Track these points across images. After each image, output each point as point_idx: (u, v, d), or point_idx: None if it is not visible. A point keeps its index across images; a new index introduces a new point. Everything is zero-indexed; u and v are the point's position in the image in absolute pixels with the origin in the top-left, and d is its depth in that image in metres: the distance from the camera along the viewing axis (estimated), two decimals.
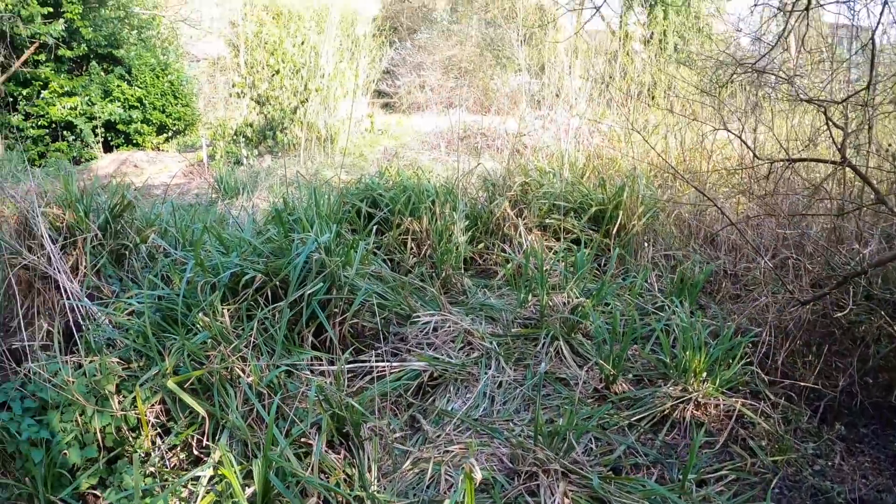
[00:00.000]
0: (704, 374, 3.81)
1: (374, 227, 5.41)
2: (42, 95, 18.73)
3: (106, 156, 19.03)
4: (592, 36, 16.83)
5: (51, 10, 17.75)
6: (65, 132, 18.87)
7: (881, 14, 5.68)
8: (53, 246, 4.44)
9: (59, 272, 4.30)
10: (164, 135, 20.72)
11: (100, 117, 19.11)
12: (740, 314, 4.55)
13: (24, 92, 18.65)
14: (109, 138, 19.92)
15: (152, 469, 3.26)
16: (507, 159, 7.48)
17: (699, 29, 16.94)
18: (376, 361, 3.96)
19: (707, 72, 9.96)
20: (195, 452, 3.36)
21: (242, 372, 3.49)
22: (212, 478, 3.13)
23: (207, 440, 3.34)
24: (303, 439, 3.28)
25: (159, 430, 3.48)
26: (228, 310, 3.85)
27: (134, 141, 20.15)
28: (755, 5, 5.33)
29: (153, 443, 3.40)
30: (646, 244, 5.95)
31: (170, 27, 24.46)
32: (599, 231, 6.18)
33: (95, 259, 4.76)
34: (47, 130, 18.85)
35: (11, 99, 18.75)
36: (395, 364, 4.00)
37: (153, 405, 3.48)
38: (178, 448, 3.40)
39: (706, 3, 17.67)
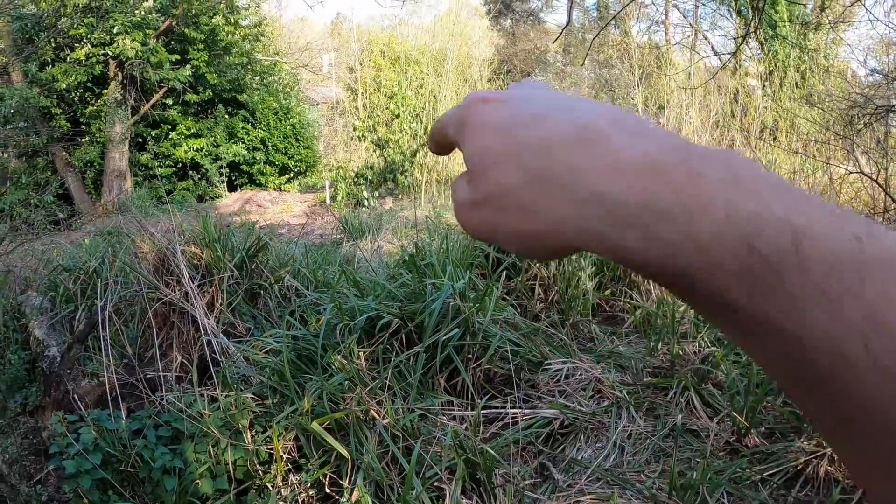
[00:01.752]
0: None
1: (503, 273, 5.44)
2: (170, 137, 19.66)
3: (230, 194, 19.75)
4: (708, 72, 16.56)
5: (178, 57, 18.66)
6: (191, 171, 19.68)
7: None
8: (192, 283, 4.63)
9: (196, 308, 4.48)
10: (286, 175, 21.36)
11: (224, 158, 19.89)
12: None
13: (153, 133, 19.62)
14: (233, 178, 20.69)
15: None
16: None
17: (819, 64, 16.46)
18: (509, 408, 3.96)
19: (835, 111, 9.68)
20: (326, 490, 3.42)
21: (378, 414, 3.55)
22: None
23: (345, 480, 3.39)
24: (436, 483, 3.31)
25: (290, 466, 3.56)
26: (364, 352, 3.92)
27: (257, 181, 20.86)
28: None
29: (284, 478, 3.49)
30: None
31: (291, 73, 25.29)
32: None
33: (231, 297, 4.94)
34: (174, 170, 19.73)
35: (141, 140, 19.74)
36: (526, 411, 3.99)
37: (286, 442, 3.57)
38: (308, 485, 3.47)
39: (823, 35, 17.18)
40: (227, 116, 20.45)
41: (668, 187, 0.39)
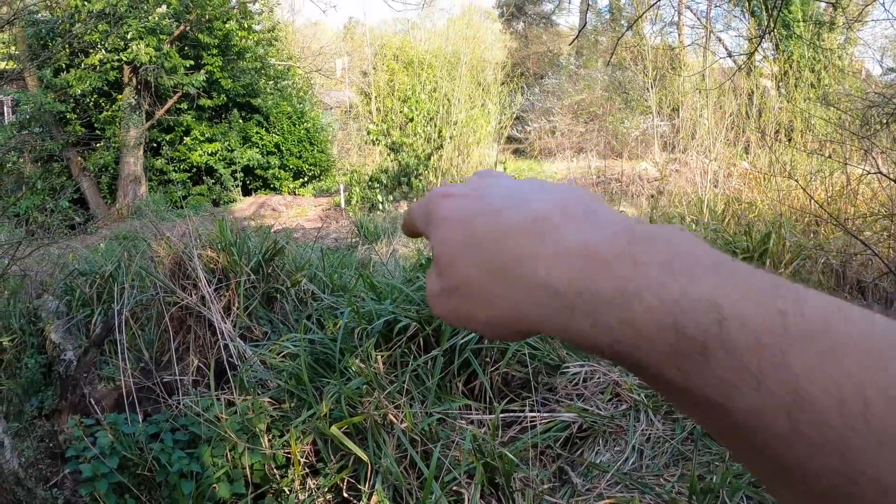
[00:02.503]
0: None
1: None
2: (184, 141, 19.74)
3: (245, 199, 19.82)
4: (722, 73, 16.50)
5: (192, 62, 18.74)
6: (205, 176, 19.75)
7: None
8: (209, 287, 4.63)
9: (213, 312, 4.48)
10: (301, 179, 21.41)
11: (239, 162, 19.96)
12: None
13: (168, 138, 19.70)
14: (248, 182, 20.76)
15: None
16: (651, 208, 7.38)
17: (834, 63, 16.36)
18: (528, 412, 3.94)
19: (852, 111, 9.62)
20: (344, 495, 3.40)
21: (396, 418, 3.53)
22: None
23: (363, 485, 3.38)
24: (454, 487, 3.29)
25: (307, 470, 3.55)
26: (382, 356, 3.91)
27: (271, 185, 20.92)
28: None
29: (301, 482, 3.47)
30: None
31: (304, 77, 25.36)
32: None
33: (247, 301, 4.94)
34: (189, 174, 19.80)
35: (156, 145, 19.83)
36: (545, 415, 3.97)
37: (304, 446, 3.56)
38: (326, 489, 3.45)
39: (837, 35, 17.08)
40: (241, 121, 20.52)
41: (608, 275, 0.41)
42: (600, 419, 3.98)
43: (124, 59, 17.79)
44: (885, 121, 6.70)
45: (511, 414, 3.97)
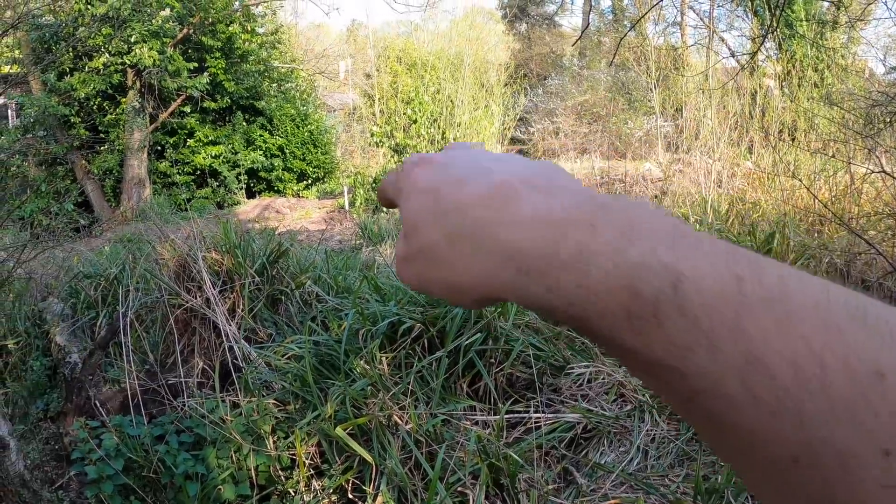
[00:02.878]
0: None
1: None
2: (188, 144, 19.77)
3: (249, 201, 19.84)
4: (726, 73, 16.49)
5: (196, 65, 18.76)
6: (209, 179, 19.77)
7: None
8: (213, 289, 4.64)
9: (217, 314, 4.49)
10: (305, 182, 21.41)
11: (243, 165, 19.98)
12: None
13: (172, 141, 19.73)
14: (252, 185, 20.78)
15: None
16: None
17: (837, 63, 16.33)
18: (532, 412, 3.94)
19: (856, 110, 9.62)
20: (349, 496, 3.41)
21: (400, 419, 3.54)
22: None
23: (368, 486, 3.38)
24: (459, 488, 3.29)
25: (312, 471, 3.55)
26: (386, 357, 3.92)
27: (275, 187, 20.93)
28: None
29: (306, 484, 3.48)
30: None
31: (307, 79, 25.38)
32: None
33: (252, 303, 4.95)
34: (193, 177, 19.82)
35: (160, 147, 19.86)
36: (549, 415, 3.97)
37: (309, 447, 3.57)
38: (331, 491, 3.46)
39: (840, 34, 17.05)
40: (244, 123, 20.55)
41: (566, 240, 0.42)
42: (605, 420, 3.98)
43: (128, 62, 17.83)
44: (888, 119, 6.69)
45: (516, 415, 3.97)
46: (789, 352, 0.35)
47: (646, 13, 14.14)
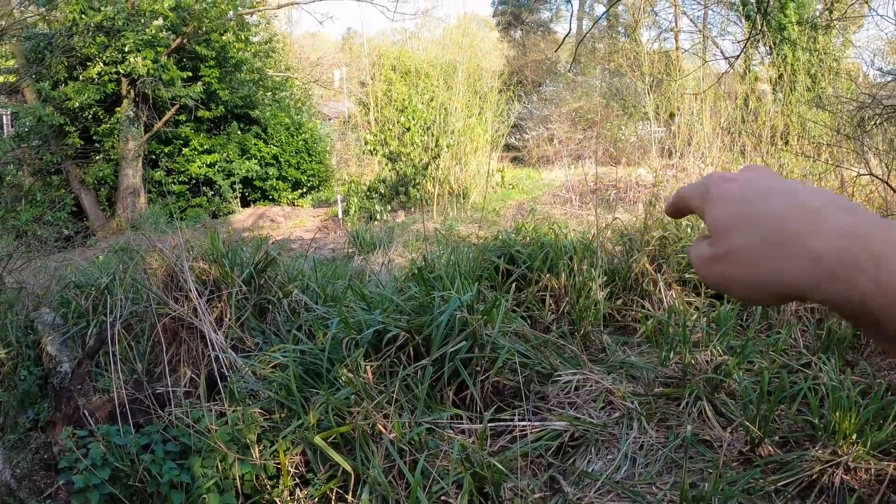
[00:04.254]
0: (854, 436, 3.61)
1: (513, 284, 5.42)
2: (183, 153, 19.75)
3: (243, 210, 19.83)
4: (718, 78, 16.53)
5: (190, 74, 18.77)
6: (204, 188, 19.76)
7: None
8: (200, 299, 4.64)
9: (204, 324, 4.49)
10: (299, 190, 21.42)
11: (237, 174, 19.98)
12: (891, 370, 4.33)
13: (166, 150, 19.72)
14: (247, 194, 20.78)
15: None
16: (644, 213, 7.37)
17: (829, 66, 16.34)
18: (518, 421, 3.94)
19: (844, 113, 9.63)
20: None
21: (384, 428, 3.54)
22: None
23: (350, 495, 3.38)
24: (443, 497, 3.29)
25: (298, 480, 3.55)
26: (371, 366, 3.91)
27: (270, 196, 20.93)
28: None
29: (291, 493, 3.47)
30: None
31: (302, 88, 25.38)
32: None
33: (239, 312, 4.95)
34: (188, 186, 19.81)
35: (154, 156, 19.85)
36: (536, 424, 3.96)
37: (293, 456, 3.56)
38: (315, 500, 3.45)
39: (833, 38, 17.08)
40: (239, 132, 20.54)
41: (862, 248, 0.52)
42: (592, 427, 3.97)
43: (122, 71, 17.82)
44: (877, 121, 6.70)
45: (501, 423, 3.97)
46: None
47: (611, 6, 14.16)
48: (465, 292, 4.41)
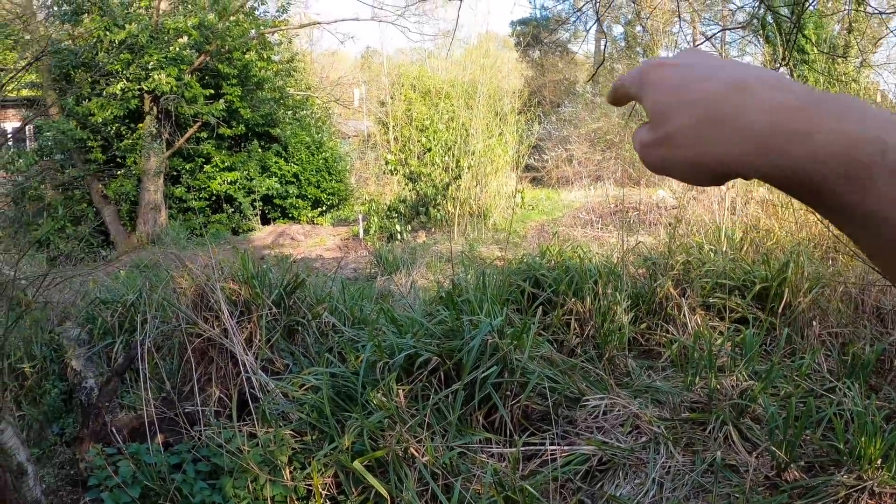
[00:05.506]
0: (879, 461, 3.60)
1: (538, 308, 5.43)
2: (204, 170, 19.85)
3: (263, 228, 19.90)
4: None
5: (212, 91, 18.89)
6: (225, 204, 19.85)
7: None
8: (231, 319, 4.67)
9: (235, 345, 4.51)
10: (319, 209, 21.46)
11: (258, 191, 20.06)
12: None
13: (188, 166, 19.82)
14: (267, 211, 20.85)
15: None
16: (669, 237, 7.36)
17: (849, 87, 16.23)
18: (547, 445, 3.94)
19: None
20: None
21: (417, 452, 3.55)
22: None
23: None
24: None
25: (329, 502, 3.56)
26: (403, 390, 3.93)
27: (290, 214, 21.00)
28: None
29: None
30: (813, 322, 5.71)
31: (322, 107, 25.49)
32: (764, 309, 5.97)
33: (269, 333, 4.97)
34: (208, 203, 19.88)
35: (175, 173, 19.96)
36: (564, 448, 3.97)
37: (325, 478, 3.58)
38: None
39: (853, 58, 16.99)
40: (260, 150, 20.64)
41: (795, 120, 0.55)
42: (620, 452, 3.97)
43: (145, 88, 17.97)
44: None
45: (531, 447, 3.97)
46: None
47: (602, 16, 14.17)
48: (493, 316, 4.42)
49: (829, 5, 17.58)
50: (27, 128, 19.51)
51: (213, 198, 20.01)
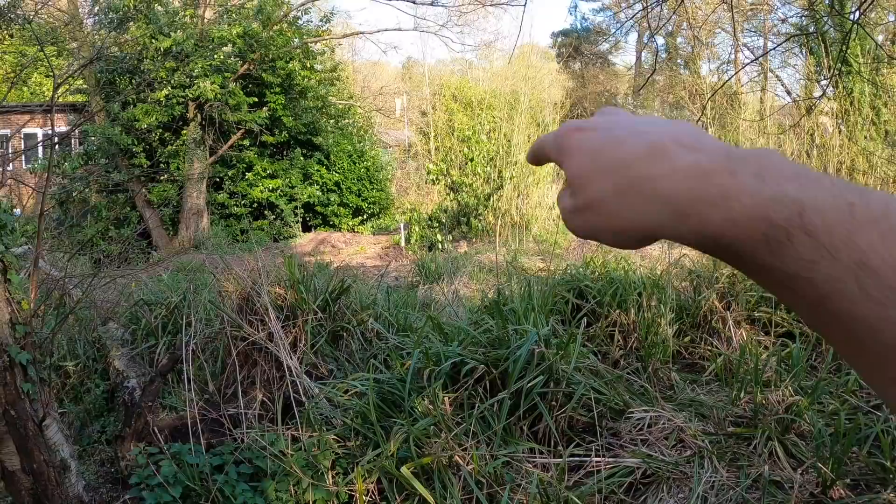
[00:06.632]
0: None
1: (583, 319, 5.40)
2: (246, 177, 20.04)
3: (304, 235, 20.03)
4: (781, 111, 16.27)
5: (255, 99, 19.09)
6: (266, 211, 20.01)
7: None
8: (276, 324, 4.69)
9: (281, 349, 4.53)
10: (360, 217, 21.57)
11: (299, 199, 20.21)
12: None
13: (230, 173, 20.03)
14: (307, 219, 21.00)
15: None
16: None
17: (894, 99, 15.90)
18: (592, 456, 3.90)
19: None
20: None
21: (462, 460, 3.53)
22: None
23: None
24: None
25: None
26: (449, 398, 3.92)
27: (331, 222, 21.12)
28: None
29: None
30: None
31: (364, 116, 25.64)
32: None
33: (314, 338, 4.99)
34: (250, 209, 20.06)
35: (218, 179, 20.17)
36: (609, 460, 3.93)
37: (368, 484, 3.57)
38: None
39: None
40: (302, 158, 20.81)
41: (712, 184, 0.54)
42: (664, 465, 3.92)
43: (190, 95, 18.20)
44: None
45: (576, 458, 3.94)
46: (891, 258, 0.47)
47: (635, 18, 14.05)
48: (539, 326, 4.40)
49: (871, 15, 17.31)
50: (75, 133, 19.83)
51: (255, 204, 20.19)
